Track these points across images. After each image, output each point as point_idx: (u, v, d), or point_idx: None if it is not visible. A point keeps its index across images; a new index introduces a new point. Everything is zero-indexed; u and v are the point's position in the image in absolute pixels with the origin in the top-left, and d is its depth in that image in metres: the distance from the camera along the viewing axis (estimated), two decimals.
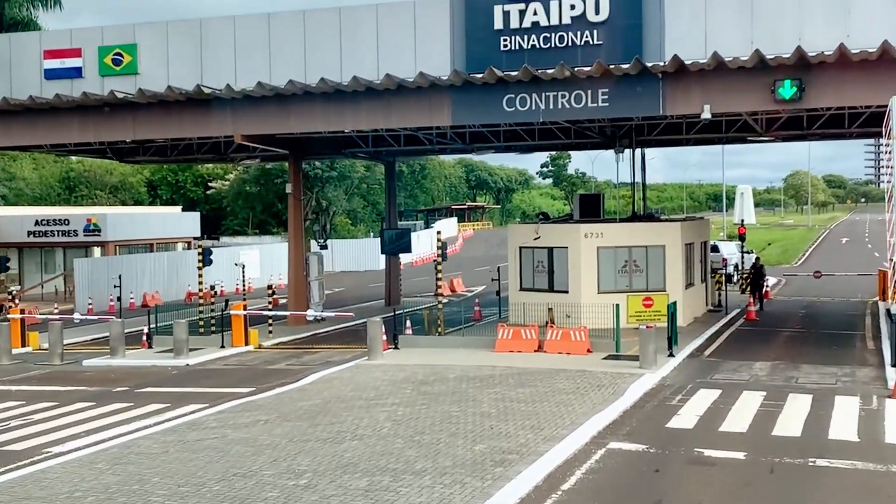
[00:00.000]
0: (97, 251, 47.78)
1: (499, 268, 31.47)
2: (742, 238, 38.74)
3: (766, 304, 35.79)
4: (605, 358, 22.56)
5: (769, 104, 23.44)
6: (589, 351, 23.19)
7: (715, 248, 41.72)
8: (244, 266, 43.05)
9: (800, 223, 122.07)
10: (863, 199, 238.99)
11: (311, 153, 34.43)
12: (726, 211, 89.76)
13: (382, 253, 37.10)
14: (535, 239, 29.07)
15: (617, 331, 23.26)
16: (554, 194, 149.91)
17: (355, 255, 66.90)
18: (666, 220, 31.42)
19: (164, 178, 74.61)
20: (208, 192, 72.27)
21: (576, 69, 23.80)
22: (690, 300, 29.77)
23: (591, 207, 31.09)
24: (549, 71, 23.89)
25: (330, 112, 26.62)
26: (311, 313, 27.51)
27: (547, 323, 24.87)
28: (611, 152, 33.54)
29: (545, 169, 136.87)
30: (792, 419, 16.21)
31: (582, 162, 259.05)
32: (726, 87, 23.59)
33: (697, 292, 31.15)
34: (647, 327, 21.03)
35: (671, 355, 22.55)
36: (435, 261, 25.99)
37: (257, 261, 51.58)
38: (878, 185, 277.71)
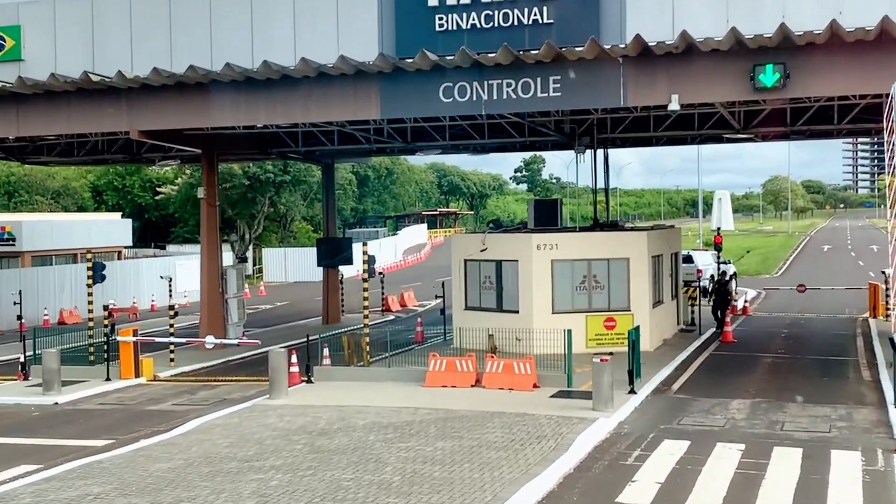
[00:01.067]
0: (27, 261, 43.60)
1: (443, 283, 27.74)
2: (718, 247, 35.15)
3: (745, 321, 32.28)
4: (553, 395, 18.86)
5: (748, 93, 19.85)
6: (535, 386, 19.49)
7: (688, 259, 38.23)
8: (170, 279, 39.14)
9: (779, 230, 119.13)
10: (842, 205, 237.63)
11: (231, 153, 30.57)
12: (703, 217, 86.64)
13: (319, 265, 33.29)
14: (482, 251, 25.38)
15: (569, 362, 19.58)
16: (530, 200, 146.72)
17: (312, 264, 63.02)
18: (631, 229, 27.77)
19: (109, 182, 70.32)
20: (157, 198, 68.13)
21: (522, 52, 20.20)
22: (659, 320, 26.14)
23: (547, 215, 27.44)
24: (492, 55, 20.27)
25: (240, 104, 22.86)
26: (210, 340, 23.55)
27: (489, 351, 21.11)
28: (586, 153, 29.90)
29: (519, 174, 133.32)
30: (778, 488, 12.58)
31: (557, 166, 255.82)
32: (698, 74, 20.03)
33: (667, 311, 27.53)
34: (602, 360, 17.33)
35: (632, 392, 18.87)
36: (362, 278, 22.21)
37: (196, 272, 47.46)
38: (857, 191, 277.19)
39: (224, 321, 27.26)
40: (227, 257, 54.47)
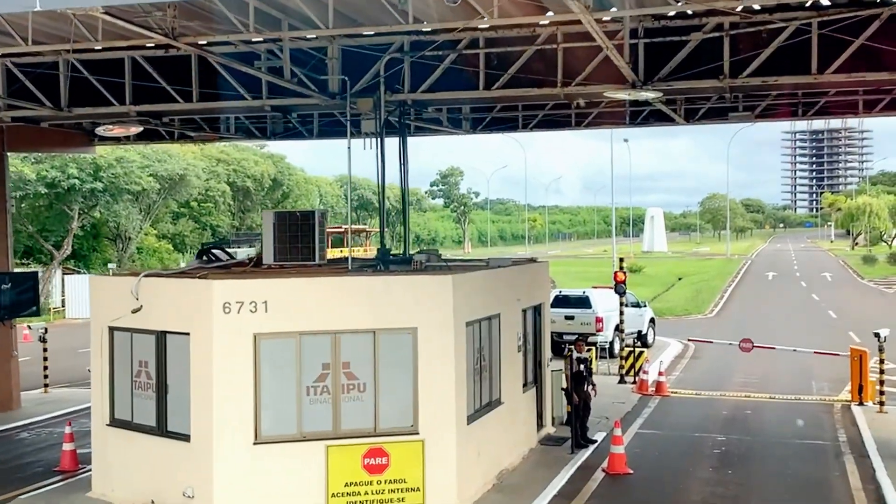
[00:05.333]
0: None
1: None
2: (619, 289, 23.38)
3: (658, 409, 20.28)
4: None
5: None
6: None
7: (585, 302, 26.38)
8: None
9: (717, 252, 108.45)
10: (781, 224, 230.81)
11: None
12: (629, 236, 75.50)
13: None
14: (135, 311, 12.99)
15: None
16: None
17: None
18: (436, 268, 14.92)
19: None
20: None
21: None
22: (485, 443, 13.88)
23: (296, 239, 15.06)
24: None
25: None
26: None
27: None
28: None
29: (435, 188, 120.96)
30: None
31: (477, 180, 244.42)
32: None
33: (509, 417, 15.25)
34: None
35: None
36: None
37: None
38: (796, 210, 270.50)
39: None
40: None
